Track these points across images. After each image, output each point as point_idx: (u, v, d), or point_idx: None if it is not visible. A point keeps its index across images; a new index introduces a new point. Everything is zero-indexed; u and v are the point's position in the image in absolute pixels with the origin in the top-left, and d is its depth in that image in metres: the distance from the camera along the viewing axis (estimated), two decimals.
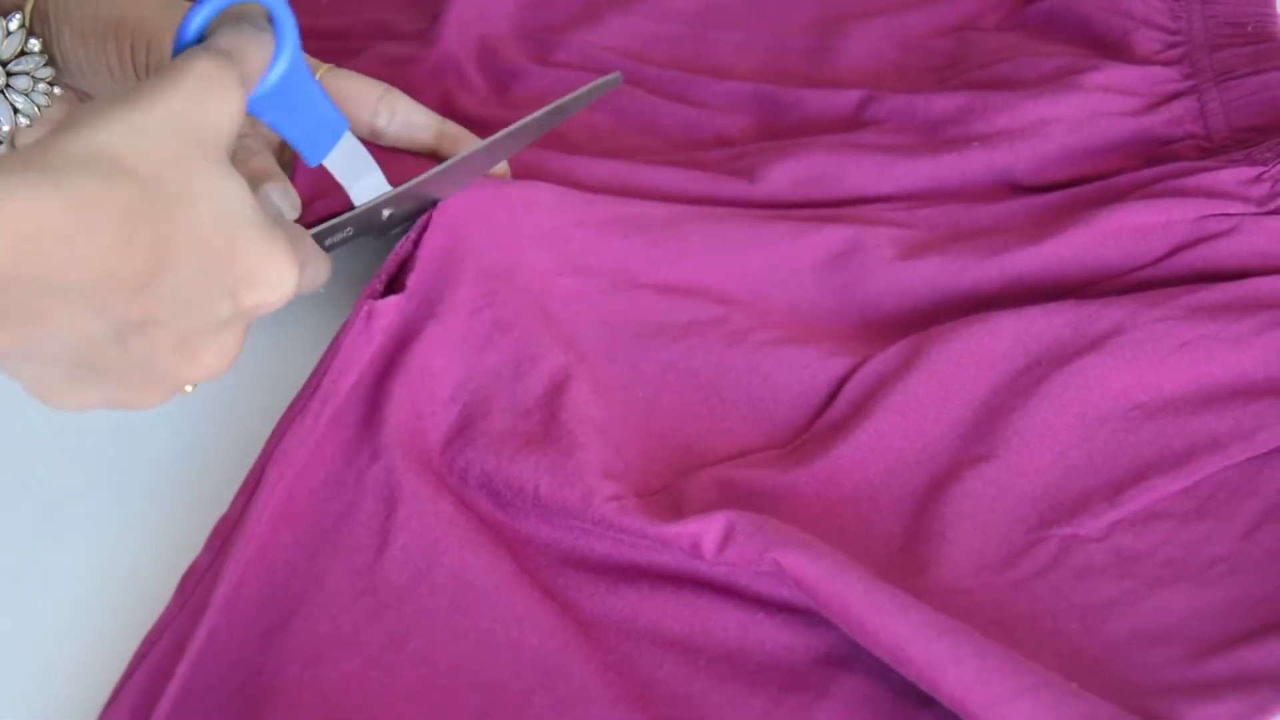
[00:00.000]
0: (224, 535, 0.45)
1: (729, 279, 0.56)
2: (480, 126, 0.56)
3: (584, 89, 0.55)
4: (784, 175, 0.60)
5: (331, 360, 0.49)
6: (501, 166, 0.58)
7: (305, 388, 0.49)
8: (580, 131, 0.65)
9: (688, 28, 0.71)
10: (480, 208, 0.54)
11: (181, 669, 0.41)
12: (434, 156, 0.58)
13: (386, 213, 0.54)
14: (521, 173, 0.59)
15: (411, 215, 0.55)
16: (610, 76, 0.56)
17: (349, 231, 0.53)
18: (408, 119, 0.58)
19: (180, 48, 0.43)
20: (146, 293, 0.38)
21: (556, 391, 0.50)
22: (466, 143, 0.59)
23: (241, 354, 0.46)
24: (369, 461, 0.48)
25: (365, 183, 0.53)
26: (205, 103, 0.39)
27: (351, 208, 0.52)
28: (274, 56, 0.45)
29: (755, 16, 0.71)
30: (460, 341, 0.51)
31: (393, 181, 0.53)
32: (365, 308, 0.50)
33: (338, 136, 0.50)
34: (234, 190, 0.40)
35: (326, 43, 0.67)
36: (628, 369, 0.53)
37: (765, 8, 0.72)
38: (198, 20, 0.43)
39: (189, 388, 0.44)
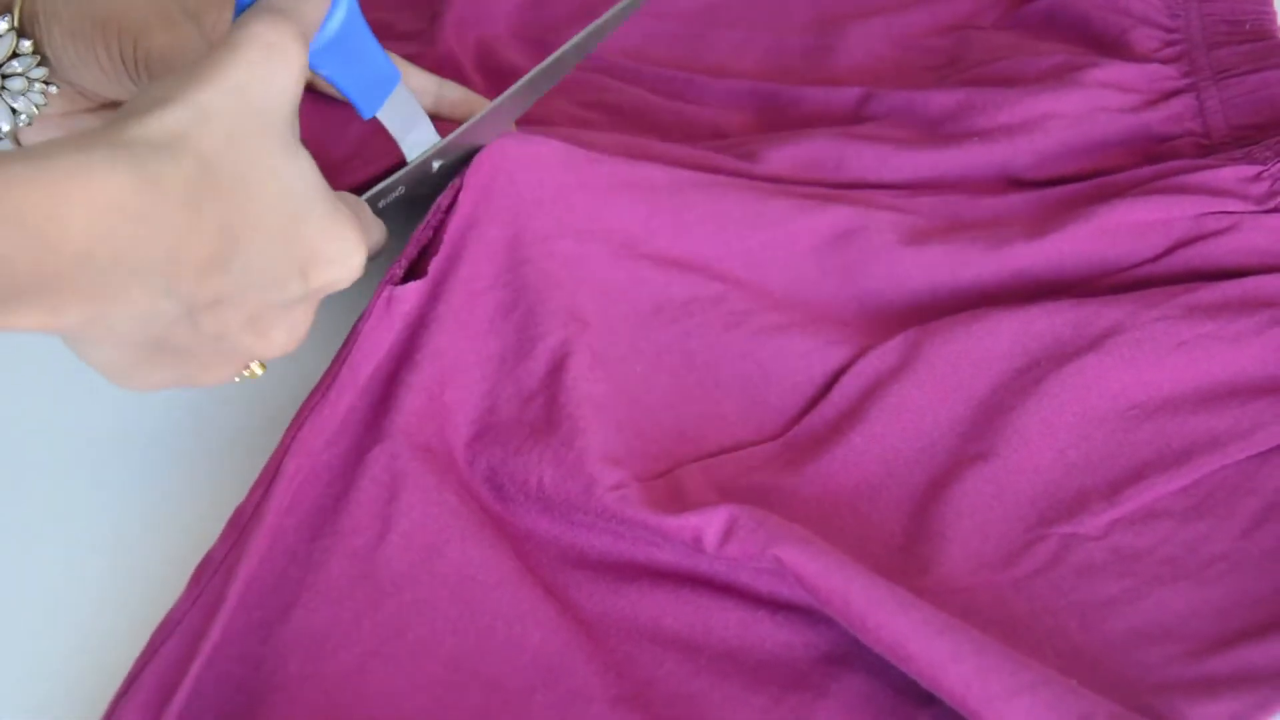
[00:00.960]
0: (240, 527, 0.45)
1: (729, 256, 0.56)
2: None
3: (618, 6, 0.54)
4: (784, 158, 0.60)
5: (351, 349, 0.49)
6: None
7: (325, 377, 0.48)
8: (575, 128, 0.65)
9: (686, 26, 0.71)
10: (493, 181, 0.53)
11: (195, 668, 0.41)
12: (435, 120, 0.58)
13: (437, 164, 0.53)
14: None
15: (460, 164, 0.54)
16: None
17: (400, 190, 0.53)
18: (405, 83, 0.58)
19: (240, 8, 0.43)
20: (217, 272, 0.38)
21: (557, 370, 0.50)
22: (469, 104, 0.58)
23: None
24: (371, 443, 0.48)
25: (416, 135, 0.52)
26: (267, 69, 0.39)
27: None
28: (332, 5, 0.44)
29: (754, 15, 0.71)
30: (465, 326, 0.51)
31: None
32: (385, 294, 0.49)
33: (391, 87, 0.50)
34: (299, 167, 0.40)
35: None
36: (626, 343, 0.53)
37: (764, 6, 0.72)
38: None
39: (258, 368, 0.45)
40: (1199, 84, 0.61)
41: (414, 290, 0.50)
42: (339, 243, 0.42)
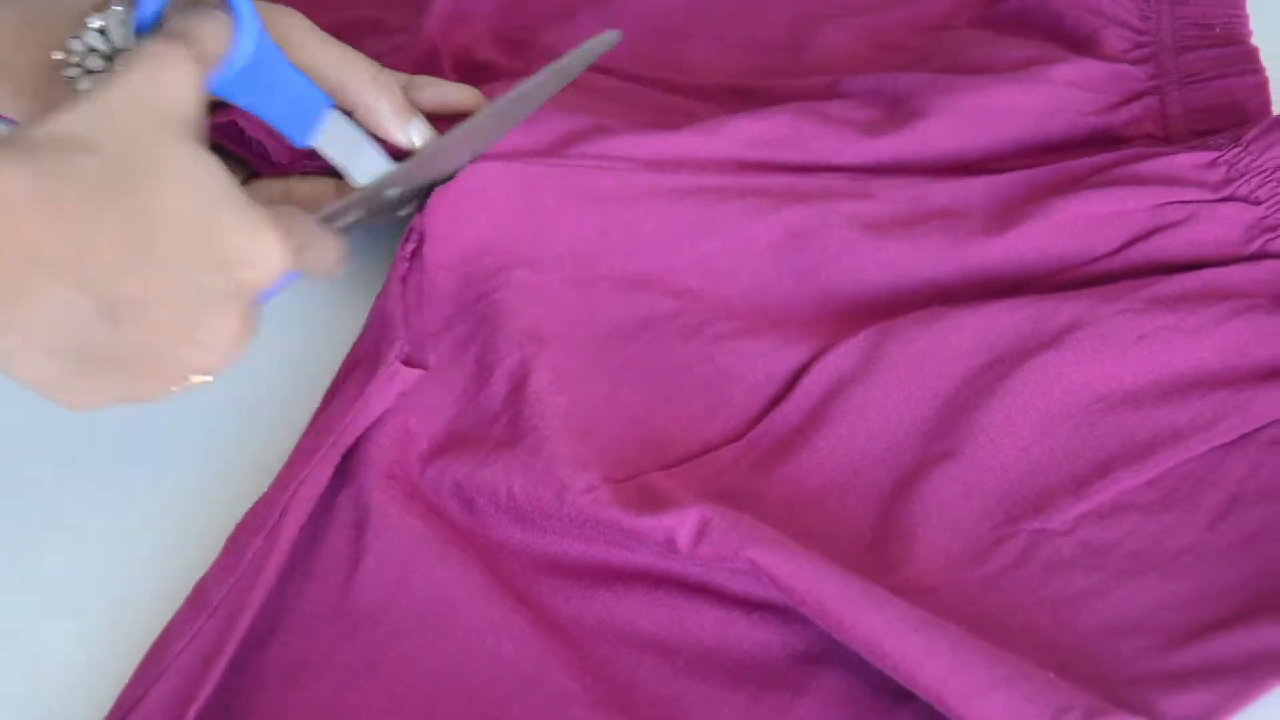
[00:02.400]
0: (237, 571, 0.45)
1: (684, 266, 0.56)
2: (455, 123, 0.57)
3: (583, 47, 0.55)
4: (745, 132, 0.60)
5: (354, 414, 0.49)
6: None
7: (323, 434, 0.49)
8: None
9: (663, 26, 0.71)
10: (445, 231, 0.54)
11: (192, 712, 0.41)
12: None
13: (394, 192, 0.54)
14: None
15: (421, 191, 0.55)
16: (609, 35, 0.56)
17: (361, 213, 0.53)
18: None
19: (139, 30, 0.46)
20: (130, 268, 0.39)
21: (518, 388, 0.50)
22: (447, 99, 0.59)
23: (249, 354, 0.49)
24: (339, 487, 0.48)
25: (363, 163, 0.53)
26: (159, 77, 0.41)
27: None
28: (235, 39, 0.46)
29: (731, 15, 0.71)
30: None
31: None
32: (391, 370, 0.50)
33: (319, 115, 0.51)
34: (204, 166, 0.42)
35: None
36: (585, 363, 0.53)
37: (741, 6, 0.72)
38: (149, 12, 0.46)
39: (208, 379, 0.45)
40: (1164, 87, 0.62)
41: (415, 377, 0.51)
42: (256, 245, 0.43)
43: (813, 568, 0.43)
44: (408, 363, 0.51)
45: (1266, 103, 0.61)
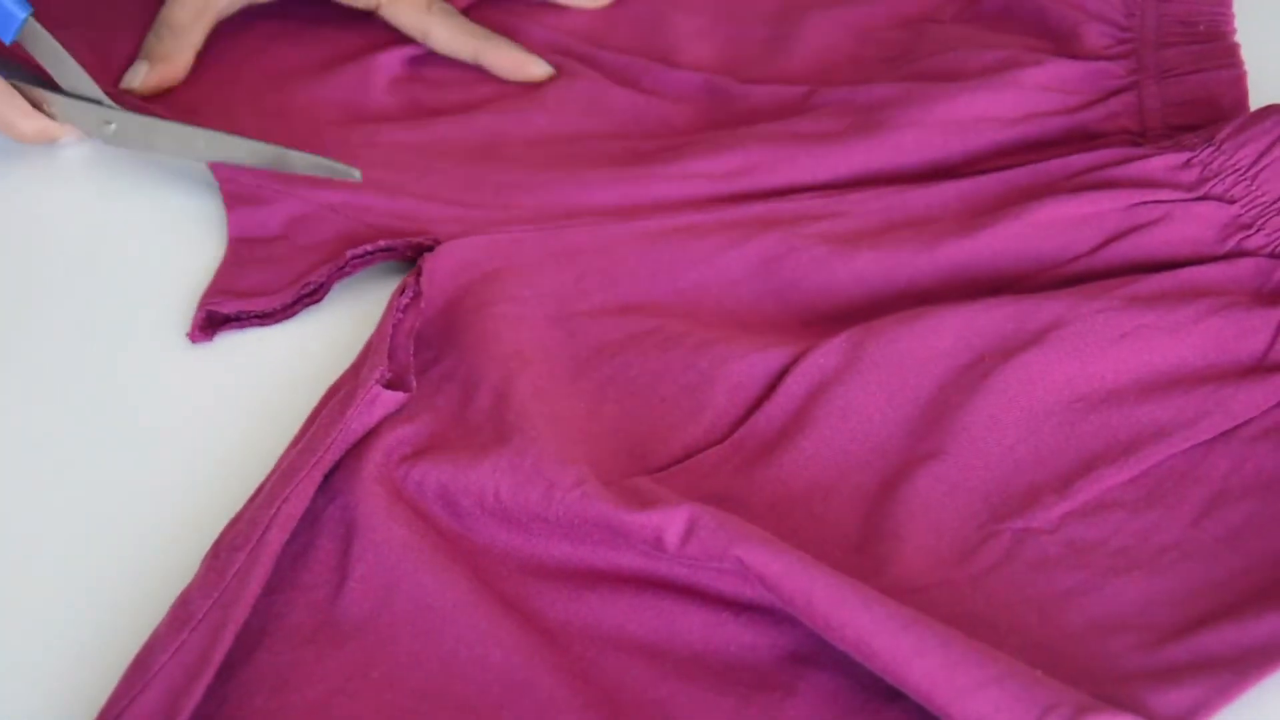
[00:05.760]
0: (221, 588, 0.45)
1: (662, 297, 0.57)
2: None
3: (320, 161, 0.58)
4: (715, 168, 0.61)
5: (337, 434, 0.49)
6: None
7: (306, 454, 0.49)
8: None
9: (650, 10, 0.71)
10: (441, 289, 0.56)
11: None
12: None
13: (110, 127, 0.58)
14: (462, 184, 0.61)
15: (136, 142, 0.59)
16: (352, 173, 0.58)
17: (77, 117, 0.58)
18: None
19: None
20: None
21: (502, 399, 0.51)
22: (456, 43, 0.66)
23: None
24: (326, 502, 0.49)
25: (67, 72, 0.58)
26: None
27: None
28: None
29: (718, 2, 0.72)
30: (409, 399, 0.52)
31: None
32: (373, 393, 0.50)
33: (19, 18, 0.55)
34: None
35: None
36: (568, 384, 0.53)
37: None
38: None
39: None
40: (1142, 82, 0.62)
41: (397, 399, 0.51)
42: None
43: (801, 567, 0.43)
44: (389, 387, 0.51)
45: (1243, 97, 0.61)
